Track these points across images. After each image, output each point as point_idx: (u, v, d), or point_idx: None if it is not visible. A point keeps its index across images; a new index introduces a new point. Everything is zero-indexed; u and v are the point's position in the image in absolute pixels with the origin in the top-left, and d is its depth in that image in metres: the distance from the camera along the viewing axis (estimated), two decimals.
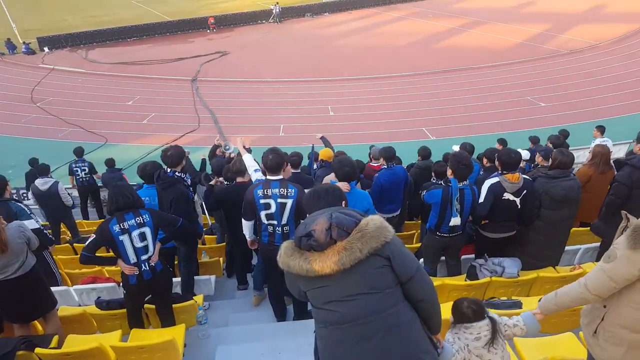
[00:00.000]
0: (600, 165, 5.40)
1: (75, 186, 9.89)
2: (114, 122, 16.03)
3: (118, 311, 4.34)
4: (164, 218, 4.23)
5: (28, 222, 5.01)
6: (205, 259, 6.35)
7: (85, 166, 9.69)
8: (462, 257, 5.10)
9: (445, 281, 4.33)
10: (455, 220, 4.49)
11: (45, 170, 7.81)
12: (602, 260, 2.44)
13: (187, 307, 4.46)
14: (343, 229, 2.07)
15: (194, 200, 5.34)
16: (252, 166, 4.58)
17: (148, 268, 4.00)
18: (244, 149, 4.84)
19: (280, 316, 4.83)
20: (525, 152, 7.23)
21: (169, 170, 5.00)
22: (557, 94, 16.73)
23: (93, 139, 14.79)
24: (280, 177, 4.14)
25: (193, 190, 5.54)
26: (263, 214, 4.15)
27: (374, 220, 2.11)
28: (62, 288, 5.14)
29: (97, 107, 17.44)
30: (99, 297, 4.72)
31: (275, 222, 4.16)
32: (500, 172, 4.59)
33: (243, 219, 4.39)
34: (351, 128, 14.85)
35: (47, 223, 7.87)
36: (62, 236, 8.10)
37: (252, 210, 4.22)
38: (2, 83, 20.52)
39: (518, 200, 4.52)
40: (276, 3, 32.29)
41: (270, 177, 4.14)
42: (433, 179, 5.88)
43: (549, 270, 4.67)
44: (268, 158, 4.08)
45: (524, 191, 4.51)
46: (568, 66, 19.94)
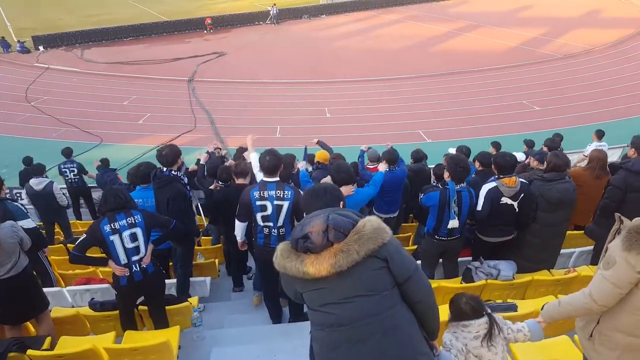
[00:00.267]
0: (597, 170, 5.40)
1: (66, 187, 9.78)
2: (110, 122, 15.92)
3: (112, 313, 4.31)
4: (156, 219, 4.20)
5: (24, 222, 4.99)
6: (201, 260, 6.32)
7: (74, 167, 9.47)
8: (458, 260, 5.10)
9: (441, 284, 4.34)
10: (453, 223, 4.49)
11: (40, 170, 7.75)
12: (602, 267, 2.42)
13: (182, 309, 4.44)
14: (340, 230, 2.05)
15: (191, 199, 5.31)
16: (258, 166, 4.57)
17: (139, 269, 3.98)
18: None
19: (276, 318, 4.82)
20: (521, 154, 7.28)
21: (165, 169, 4.99)
22: (552, 98, 16.79)
23: (88, 138, 14.67)
24: (276, 179, 4.14)
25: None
26: (259, 215, 4.15)
27: (371, 222, 2.09)
28: (56, 289, 5.11)
29: (93, 107, 17.33)
30: (93, 299, 4.68)
31: (271, 224, 4.16)
32: (496, 177, 4.59)
33: (237, 220, 4.38)
34: (347, 130, 14.85)
35: (41, 223, 7.81)
36: (56, 237, 8.05)
37: (248, 212, 4.21)
38: None
39: (516, 204, 4.52)
40: (273, 4, 32.28)
41: (266, 179, 4.14)
42: (433, 181, 5.90)
43: (543, 273, 4.68)
44: (265, 159, 4.09)
45: (522, 194, 4.51)
46: (563, 70, 20.03)
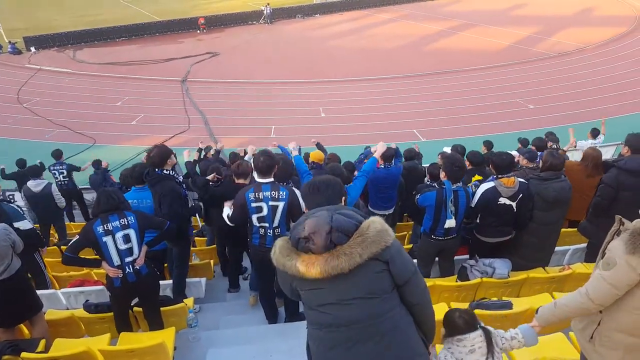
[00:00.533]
0: (589, 168, 5.37)
1: None
2: (103, 123, 15.84)
3: (106, 314, 4.28)
4: (150, 220, 4.18)
5: (21, 223, 4.99)
6: (196, 261, 6.29)
7: (63, 169, 9.41)
8: (454, 258, 5.11)
9: (437, 282, 4.34)
10: (450, 223, 4.49)
11: (38, 172, 7.70)
12: (601, 267, 2.40)
13: (177, 310, 4.42)
14: (343, 232, 2.00)
15: (187, 198, 5.26)
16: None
17: (132, 271, 3.95)
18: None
19: (272, 318, 4.81)
20: (515, 153, 7.30)
21: (157, 169, 4.95)
22: (546, 96, 16.88)
23: (81, 140, 14.58)
24: (271, 180, 4.12)
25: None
26: (255, 217, 4.13)
27: (375, 224, 2.04)
28: (50, 291, 5.07)
29: (86, 108, 17.23)
30: (87, 300, 4.65)
31: (266, 225, 4.15)
32: (495, 177, 4.57)
33: (228, 218, 4.36)
34: (343, 129, 14.85)
35: (37, 225, 7.76)
36: (50, 238, 8.00)
37: (242, 214, 4.17)
38: None
39: (514, 204, 4.50)
40: (267, 4, 32.24)
41: (260, 180, 4.11)
42: (427, 180, 5.89)
43: (538, 271, 4.69)
44: (259, 160, 4.05)
45: (520, 195, 4.49)
46: (556, 69, 20.14)
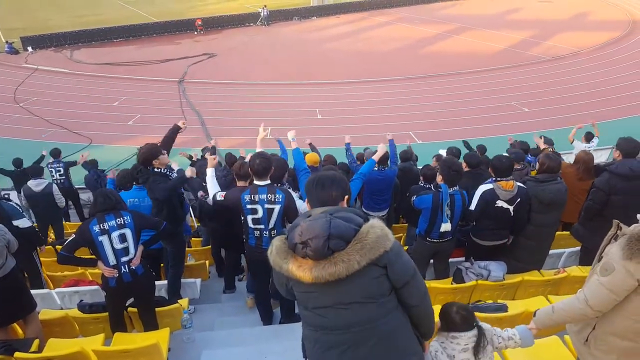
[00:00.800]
0: (580, 171, 5.37)
1: None
2: (99, 123, 15.80)
3: (101, 314, 4.27)
4: (146, 220, 4.18)
5: (20, 221, 5.02)
6: (191, 261, 6.29)
7: (60, 167, 9.37)
8: (450, 260, 5.12)
9: (432, 284, 4.35)
10: (446, 226, 4.49)
11: (39, 172, 7.68)
12: (599, 273, 2.40)
13: (172, 311, 4.41)
14: (342, 238, 1.96)
15: (181, 196, 5.25)
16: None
17: (128, 270, 3.95)
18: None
19: (267, 320, 4.80)
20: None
21: (148, 167, 4.94)
22: (541, 100, 16.97)
23: (77, 139, 14.54)
24: (267, 182, 4.11)
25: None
26: (250, 218, 4.13)
27: (375, 228, 1.99)
28: (44, 291, 5.05)
29: (82, 108, 17.17)
30: (82, 300, 4.63)
31: (262, 227, 4.14)
32: (494, 179, 4.55)
33: (213, 193, 4.38)
34: (339, 131, 14.83)
35: (36, 225, 7.73)
36: (47, 239, 7.96)
37: (228, 212, 4.24)
38: None
39: (511, 208, 4.49)
40: (264, 6, 32.24)
41: (257, 182, 4.11)
42: (421, 182, 5.91)
43: (534, 273, 4.71)
44: (255, 162, 4.04)
45: (518, 199, 4.47)
46: (551, 72, 20.24)
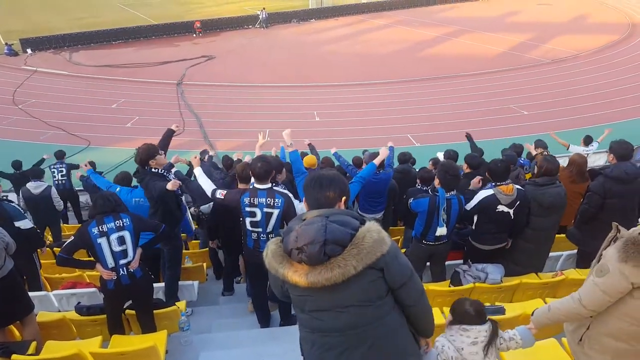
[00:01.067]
0: (574, 174, 5.38)
1: None
2: (98, 125, 15.79)
3: (98, 317, 4.27)
4: (145, 223, 4.18)
5: (22, 222, 5.05)
6: (188, 264, 6.28)
7: (63, 167, 9.36)
8: (446, 263, 5.13)
9: (429, 287, 4.35)
10: (441, 231, 4.51)
11: (39, 174, 7.67)
12: (594, 274, 2.43)
13: (170, 313, 4.41)
14: (338, 244, 1.94)
15: (178, 197, 5.25)
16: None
17: (126, 273, 3.95)
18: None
19: (264, 322, 4.80)
20: None
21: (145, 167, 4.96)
22: (540, 103, 16.99)
23: (76, 141, 14.53)
24: (268, 186, 4.11)
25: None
26: (248, 221, 4.13)
27: (371, 233, 1.98)
28: (42, 293, 5.05)
29: (81, 110, 17.15)
30: (79, 303, 4.62)
31: (260, 230, 4.14)
32: (493, 184, 4.56)
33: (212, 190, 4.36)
34: (337, 134, 14.86)
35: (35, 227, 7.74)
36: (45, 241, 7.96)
37: (233, 208, 4.19)
38: None
39: (511, 211, 4.52)
40: (263, 9, 32.29)
41: (257, 186, 4.11)
42: (418, 184, 5.91)
43: (531, 276, 4.71)
44: (257, 166, 4.04)
45: (518, 202, 4.50)
46: (550, 75, 20.28)
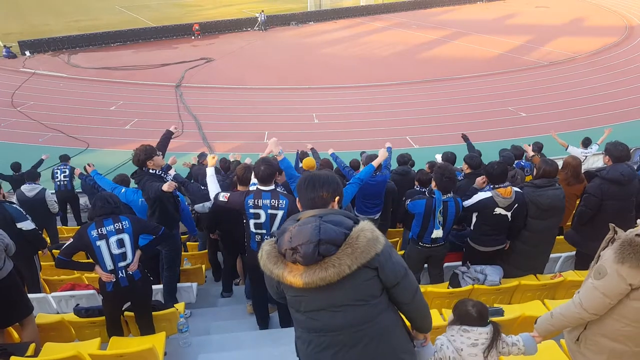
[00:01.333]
0: (568, 177, 5.39)
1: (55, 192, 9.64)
2: (96, 128, 15.82)
3: (97, 319, 4.26)
4: (144, 225, 4.18)
5: (24, 224, 5.10)
6: (187, 266, 6.28)
7: (67, 169, 9.42)
8: (445, 265, 5.14)
9: (428, 289, 4.35)
10: (437, 233, 4.52)
11: (35, 176, 7.67)
12: (593, 277, 2.43)
13: (168, 315, 4.40)
14: (332, 243, 1.96)
15: (178, 200, 5.25)
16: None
17: (125, 275, 3.95)
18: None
19: (263, 324, 4.80)
20: None
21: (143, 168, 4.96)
22: (538, 105, 17.05)
23: (74, 144, 14.54)
24: (271, 188, 4.11)
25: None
26: (252, 222, 4.13)
27: (365, 232, 1.99)
28: (41, 295, 5.04)
29: (79, 112, 17.15)
30: (78, 305, 4.63)
31: (264, 232, 4.14)
32: (491, 187, 4.55)
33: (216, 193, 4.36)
34: (336, 136, 14.88)
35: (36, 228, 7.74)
36: None
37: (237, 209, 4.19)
38: None
39: (509, 214, 4.52)
40: (261, 11, 32.34)
41: (261, 188, 4.11)
42: (416, 186, 5.92)
43: (530, 278, 4.71)
44: (260, 169, 4.05)
45: (516, 205, 4.50)
46: (548, 77, 20.35)
